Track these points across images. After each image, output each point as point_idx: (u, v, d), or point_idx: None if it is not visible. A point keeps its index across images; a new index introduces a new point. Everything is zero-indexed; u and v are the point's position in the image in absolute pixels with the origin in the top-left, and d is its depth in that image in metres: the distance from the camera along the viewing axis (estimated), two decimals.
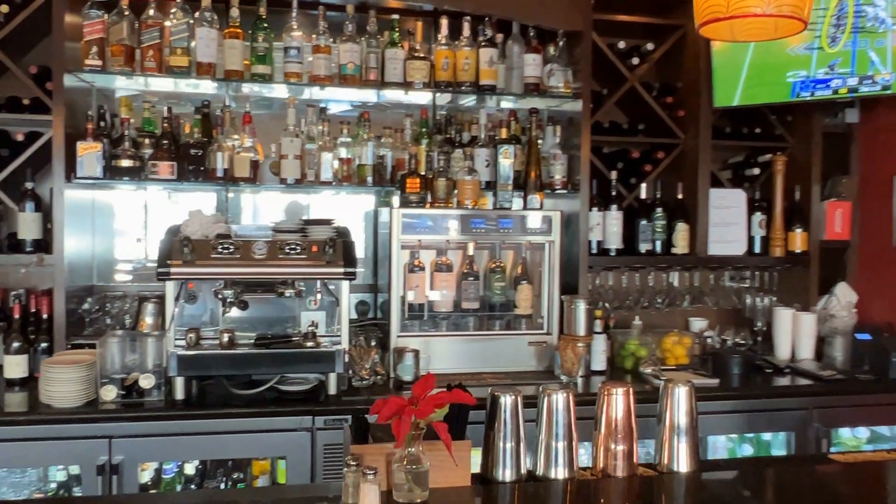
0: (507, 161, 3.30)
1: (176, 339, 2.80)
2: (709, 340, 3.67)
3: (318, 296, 2.92)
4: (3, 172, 3.02)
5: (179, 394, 2.71)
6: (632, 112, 3.77)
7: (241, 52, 3.15)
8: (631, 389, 1.75)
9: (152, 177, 3.09)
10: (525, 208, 3.31)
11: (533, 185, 3.32)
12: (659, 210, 3.55)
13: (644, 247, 3.55)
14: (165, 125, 3.16)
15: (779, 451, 3.30)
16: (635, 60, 3.56)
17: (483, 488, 1.67)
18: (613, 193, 3.51)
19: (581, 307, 3.24)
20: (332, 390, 2.82)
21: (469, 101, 3.52)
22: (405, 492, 1.51)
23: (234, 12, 3.13)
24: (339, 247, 2.90)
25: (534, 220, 3.27)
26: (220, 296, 2.79)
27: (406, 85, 3.30)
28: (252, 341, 2.82)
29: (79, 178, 3.00)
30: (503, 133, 3.34)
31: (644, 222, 3.54)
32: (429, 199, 3.23)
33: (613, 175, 3.52)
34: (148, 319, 3.10)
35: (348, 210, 3.67)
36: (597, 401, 1.73)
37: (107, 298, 3.27)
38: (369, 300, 3.60)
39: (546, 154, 3.50)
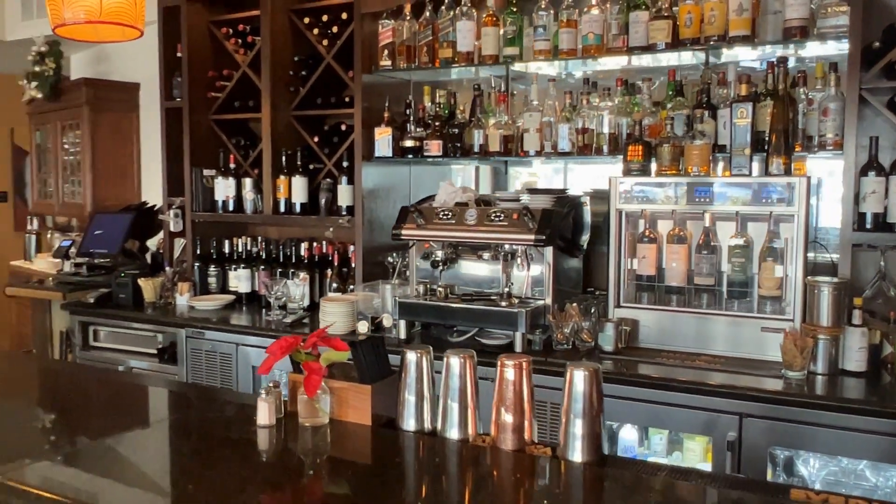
0: (744, 122, 2.92)
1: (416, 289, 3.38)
2: None
3: (518, 260, 3.13)
4: (335, 155, 3.99)
5: (402, 334, 3.27)
6: None
7: (494, 37, 3.49)
8: (524, 363, 1.63)
9: (426, 154, 3.68)
10: (766, 173, 2.89)
11: (776, 147, 2.86)
12: None
13: None
14: (438, 109, 3.71)
15: None
16: None
17: (378, 429, 1.80)
18: None
19: (825, 291, 2.73)
20: (518, 348, 3.02)
21: (719, 56, 3.18)
22: (306, 416, 1.80)
23: (490, 1, 3.48)
24: (536, 215, 3.06)
25: (773, 187, 2.84)
26: (432, 255, 3.24)
27: (647, 48, 3.18)
28: (459, 297, 3.21)
29: (375, 158, 3.78)
30: (743, 90, 2.95)
31: None
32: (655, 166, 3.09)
33: None
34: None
35: None
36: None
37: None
38: None
39: (815, 109, 2.95)
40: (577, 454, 1.58)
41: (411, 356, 1.76)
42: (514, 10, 3.43)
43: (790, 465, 2.70)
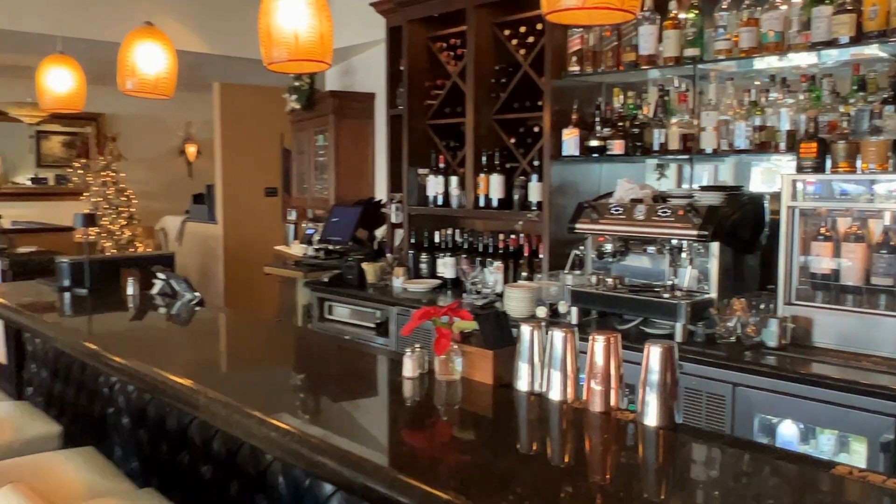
0: None
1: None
2: None
3: (684, 255, 3.26)
4: (528, 155, 4.34)
5: (574, 319, 3.54)
6: None
7: (675, 40, 3.61)
8: (612, 339, 1.82)
9: (609, 153, 3.89)
10: None
11: None
12: None
13: None
14: (623, 110, 3.91)
15: None
16: None
17: (498, 388, 2.12)
18: None
19: None
20: (678, 338, 3.16)
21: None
22: (441, 373, 2.18)
23: (672, 5, 3.62)
24: (701, 211, 3.18)
25: None
26: (600, 248, 3.47)
27: (829, 43, 3.14)
28: (627, 287, 3.41)
29: (562, 157, 4.07)
30: None
31: None
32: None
33: None
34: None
35: None
36: None
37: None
38: None
39: None
40: (650, 419, 1.79)
41: (525, 329, 2.07)
42: (696, 11, 3.54)
43: None
